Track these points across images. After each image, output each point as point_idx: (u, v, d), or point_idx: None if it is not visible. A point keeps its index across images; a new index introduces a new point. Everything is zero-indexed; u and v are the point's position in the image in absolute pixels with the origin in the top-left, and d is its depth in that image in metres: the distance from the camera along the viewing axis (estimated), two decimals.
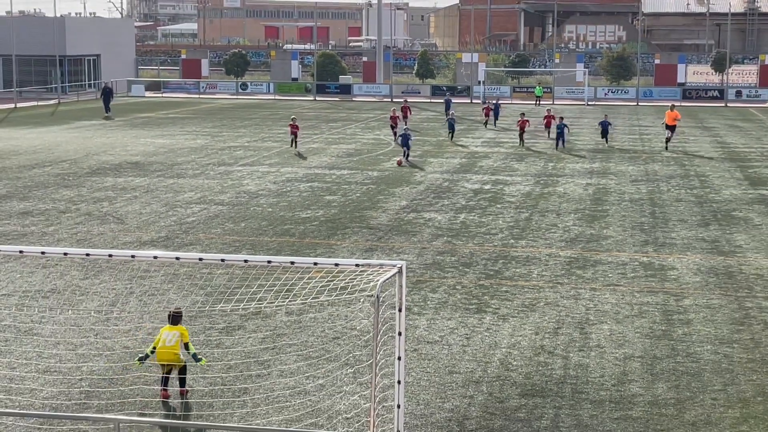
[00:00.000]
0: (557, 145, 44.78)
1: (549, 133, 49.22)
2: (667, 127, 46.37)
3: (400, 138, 38.56)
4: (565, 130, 45.22)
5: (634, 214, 29.55)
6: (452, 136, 49.83)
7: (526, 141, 47.70)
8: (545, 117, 50.96)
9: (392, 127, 49.34)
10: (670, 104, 51.09)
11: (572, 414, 14.15)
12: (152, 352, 14.35)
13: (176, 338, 14.15)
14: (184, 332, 14.31)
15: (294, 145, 45.11)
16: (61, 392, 14.66)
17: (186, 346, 14.25)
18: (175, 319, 14.38)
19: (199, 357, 14.46)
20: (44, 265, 22.07)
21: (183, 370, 14.46)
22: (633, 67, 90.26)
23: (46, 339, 17.01)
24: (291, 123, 45.99)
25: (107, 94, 63.45)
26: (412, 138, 40.22)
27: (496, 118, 57.84)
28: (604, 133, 47.29)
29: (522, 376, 15.64)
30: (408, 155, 40.04)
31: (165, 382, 14.39)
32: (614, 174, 38.15)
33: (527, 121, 48.65)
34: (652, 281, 21.66)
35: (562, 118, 46.47)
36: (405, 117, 52.25)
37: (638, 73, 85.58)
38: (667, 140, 46.29)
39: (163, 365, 14.31)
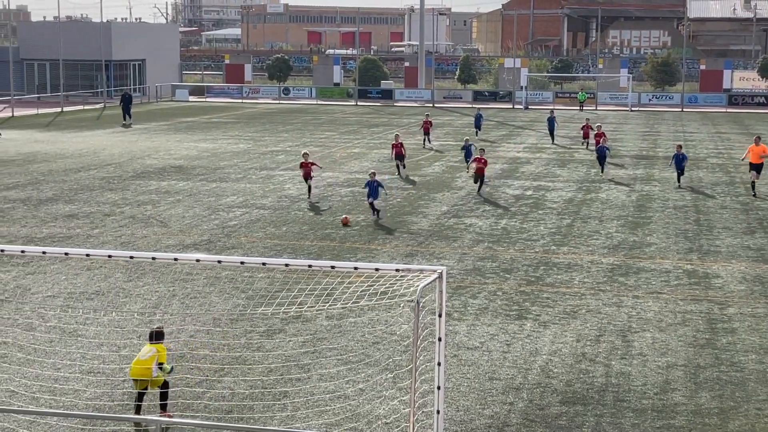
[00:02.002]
0: (602, 169, 38.80)
1: (587, 144, 47.99)
2: (753, 166, 34.51)
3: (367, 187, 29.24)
4: (607, 153, 39.39)
5: (678, 221, 29.26)
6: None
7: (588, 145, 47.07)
8: (583, 127, 49.14)
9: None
10: (754, 136, 37.72)
11: (614, 422, 14.04)
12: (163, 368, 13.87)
13: (151, 354, 13.70)
14: (161, 350, 13.82)
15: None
16: (105, 393, 14.81)
17: (161, 367, 13.72)
18: (157, 336, 13.91)
19: (169, 369, 13.96)
20: (89, 267, 22.33)
21: (164, 393, 13.86)
22: (678, 73, 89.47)
23: (90, 340, 17.20)
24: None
25: (126, 101, 62.17)
26: (383, 190, 29.56)
27: (478, 129, 53.96)
28: (679, 171, 36.39)
29: (563, 383, 15.54)
30: (375, 209, 29.18)
31: (140, 398, 13.92)
32: (658, 180, 37.81)
33: (591, 126, 47.54)
34: (696, 289, 21.43)
35: (604, 135, 40.86)
36: (426, 133, 48.90)
37: (683, 79, 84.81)
38: (753, 184, 34.70)
39: (136, 381, 13.83)
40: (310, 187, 32.85)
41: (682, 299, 20.56)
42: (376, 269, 11.92)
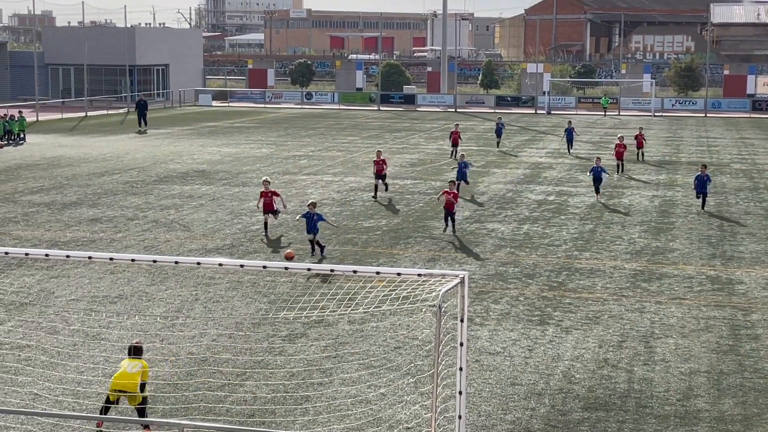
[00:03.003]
0: (596, 190, 33.94)
1: (639, 155, 44.89)
2: None
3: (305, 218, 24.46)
4: (604, 176, 34.03)
5: (701, 227, 29.11)
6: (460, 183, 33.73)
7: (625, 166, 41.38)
8: (636, 136, 45.27)
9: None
10: None
11: (636, 428, 13.98)
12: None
13: (138, 369, 13.50)
14: (146, 367, 13.67)
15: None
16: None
17: (143, 385, 13.63)
18: (136, 351, 13.71)
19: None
20: (112, 271, 22.46)
21: (142, 409, 13.56)
22: (701, 78, 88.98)
23: (113, 344, 17.31)
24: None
25: (142, 107, 61.53)
26: (327, 221, 25.16)
27: (499, 138, 50.78)
28: (702, 195, 32.31)
29: (585, 389, 15.49)
30: (316, 246, 24.71)
31: (105, 411, 13.62)
32: (681, 186, 37.62)
33: (644, 135, 45.38)
34: (719, 295, 21.31)
35: (599, 159, 35.73)
36: (455, 145, 45.99)
37: (706, 84, 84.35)
38: None
39: (113, 392, 13.54)
40: (266, 223, 27.14)
41: (705, 305, 20.45)
42: (398, 274, 11.93)
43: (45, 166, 42.03)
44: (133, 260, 12.41)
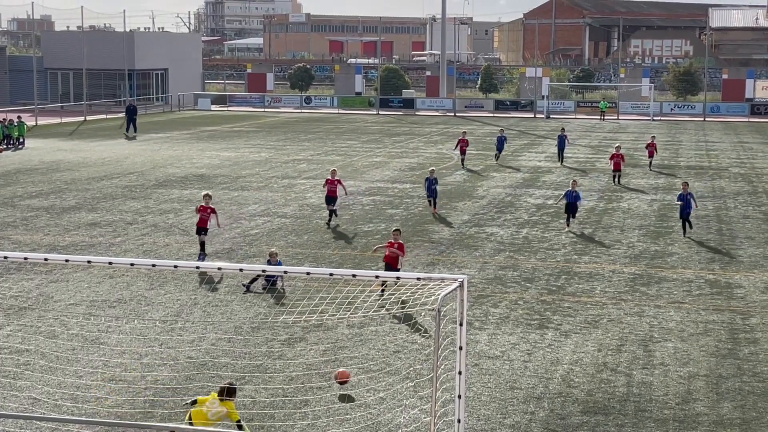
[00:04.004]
0: (567, 221, 29.14)
1: (651, 164, 43.70)
2: None
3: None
4: (580, 203, 29.83)
5: (700, 231, 29.11)
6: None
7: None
8: (648, 145, 44.19)
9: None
10: None
11: None
12: (193, 404, 13.02)
13: (221, 415, 12.60)
14: (233, 409, 12.73)
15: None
16: (126, 401, 14.88)
17: (240, 427, 12.72)
18: (229, 392, 12.75)
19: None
20: (111, 275, 22.46)
21: None
22: (700, 82, 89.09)
23: (112, 348, 17.30)
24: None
25: (131, 112, 60.02)
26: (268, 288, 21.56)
27: (499, 152, 46.50)
28: (684, 217, 28.29)
29: (584, 393, 15.50)
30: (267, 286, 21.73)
31: None
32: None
33: (656, 144, 44.43)
34: (718, 299, 21.32)
35: (575, 182, 30.46)
36: (463, 153, 43.94)
37: (705, 88, 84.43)
38: None
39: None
40: (203, 244, 24.24)
41: (704, 309, 20.46)
42: (398, 278, 11.94)
43: (44, 170, 42.03)
44: (132, 264, 12.41)
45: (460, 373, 11.85)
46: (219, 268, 12.66)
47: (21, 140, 52.94)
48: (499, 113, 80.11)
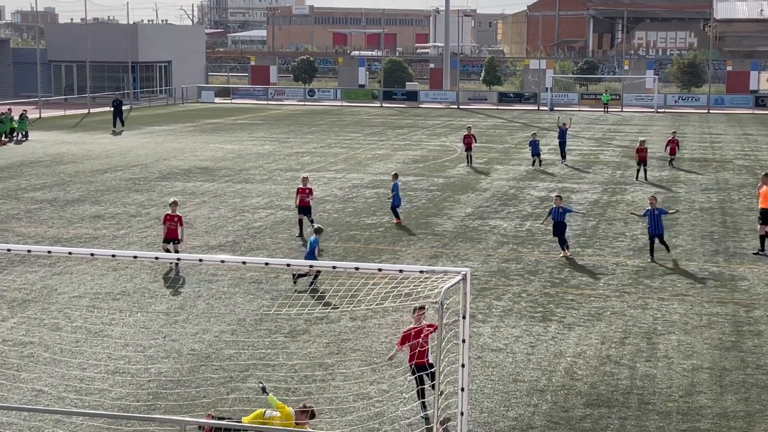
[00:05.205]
0: (562, 246, 24.72)
1: (671, 161, 42.22)
2: (763, 215, 24.93)
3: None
4: (569, 217, 25.81)
5: (704, 224, 29.08)
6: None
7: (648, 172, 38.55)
8: (669, 142, 42.77)
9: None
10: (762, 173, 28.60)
11: (638, 425, 13.98)
12: (263, 391, 12.91)
13: (274, 417, 12.18)
14: (291, 418, 12.18)
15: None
16: (130, 393, 14.90)
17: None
18: (312, 416, 12.26)
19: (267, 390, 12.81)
20: (115, 267, 22.48)
21: None
22: (704, 74, 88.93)
23: (115, 340, 17.32)
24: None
25: (117, 107, 59.21)
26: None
27: (537, 157, 42.06)
28: (658, 236, 24.29)
29: (587, 385, 15.49)
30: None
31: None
32: (684, 182, 37.60)
33: (677, 141, 42.73)
34: (722, 291, 21.30)
35: (559, 197, 25.50)
36: (468, 149, 41.81)
37: (709, 80, 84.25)
38: (762, 239, 25.04)
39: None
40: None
41: (708, 302, 20.44)
42: (401, 271, 11.94)
43: (48, 162, 42.05)
44: (135, 257, 12.42)
45: (463, 365, 11.85)
46: (222, 261, 12.68)
47: (24, 133, 52.71)
48: (503, 105, 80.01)
